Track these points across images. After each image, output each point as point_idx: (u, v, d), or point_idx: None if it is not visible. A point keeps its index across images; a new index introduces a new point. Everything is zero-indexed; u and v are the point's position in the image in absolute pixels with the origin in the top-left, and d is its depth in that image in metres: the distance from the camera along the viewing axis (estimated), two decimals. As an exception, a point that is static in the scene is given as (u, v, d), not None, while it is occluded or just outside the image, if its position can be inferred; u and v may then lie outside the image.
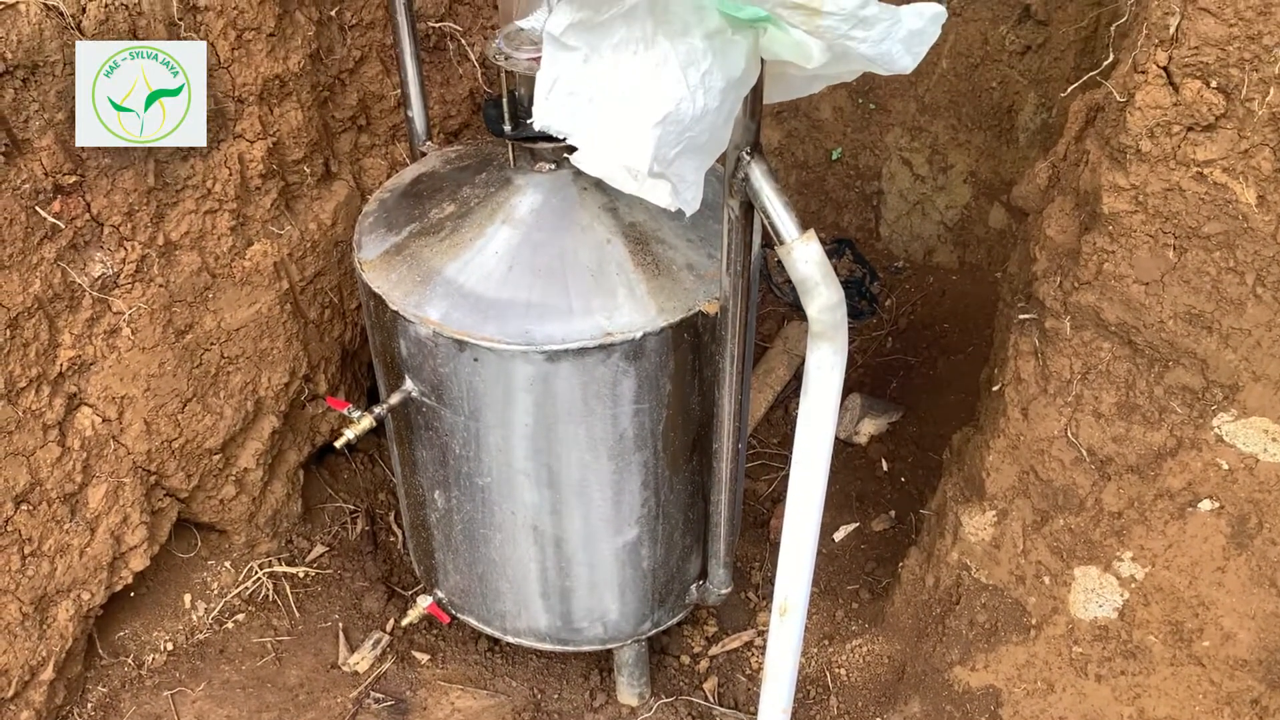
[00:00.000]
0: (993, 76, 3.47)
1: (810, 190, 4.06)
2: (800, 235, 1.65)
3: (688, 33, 1.40)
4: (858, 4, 1.21)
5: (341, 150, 2.63)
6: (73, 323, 2.10)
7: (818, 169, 4.01)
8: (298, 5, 2.34)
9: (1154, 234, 1.91)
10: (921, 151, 3.71)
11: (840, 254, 3.87)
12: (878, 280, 3.82)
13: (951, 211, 3.74)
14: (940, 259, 3.82)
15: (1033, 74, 3.37)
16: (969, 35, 3.45)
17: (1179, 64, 1.78)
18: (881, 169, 3.85)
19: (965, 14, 3.44)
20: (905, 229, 3.87)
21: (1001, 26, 3.37)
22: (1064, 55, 3.27)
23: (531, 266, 1.93)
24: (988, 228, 3.66)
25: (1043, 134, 3.38)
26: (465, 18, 2.80)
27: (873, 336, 3.64)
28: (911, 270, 3.84)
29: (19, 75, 1.86)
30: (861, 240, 3.95)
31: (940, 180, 3.71)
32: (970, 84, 3.52)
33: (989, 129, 3.54)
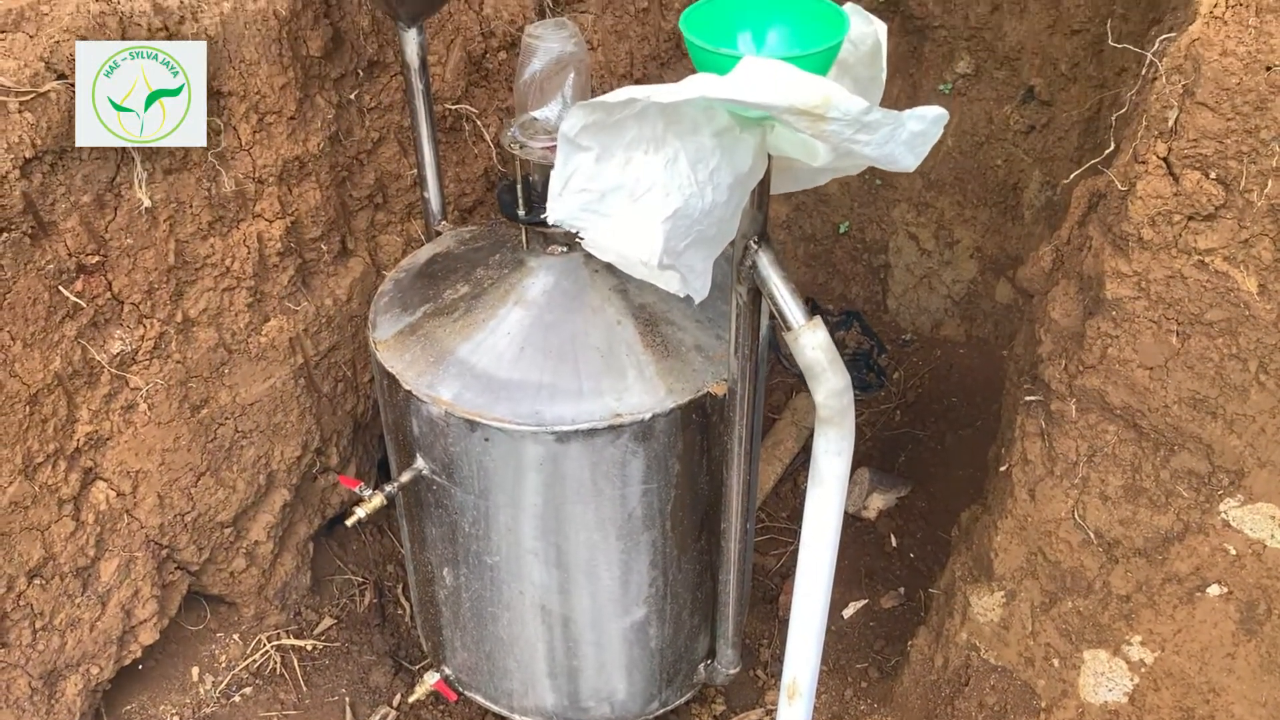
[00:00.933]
0: (998, 154, 3.52)
1: (818, 262, 4.11)
2: (807, 322, 1.68)
3: (697, 131, 1.44)
4: (861, 110, 1.25)
5: (358, 227, 2.68)
6: (90, 399, 2.13)
7: (825, 242, 4.07)
8: (318, 90, 2.40)
9: (1157, 320, 1.93)
10: (928, 226, 3.76)
11: (848, 326, 3.90)
12: (885, 353, 3.84)
13: (958, 286, 3.78)
14: (947, 332, 3.85)
15: (1037, 153, 3.43)
16: (974, 114, 3.52)
17: (1178, 155, 1.82)
18: (888, 243, 3.90)
19: (970, 94, 3.51)
20: (912, 302, 3.91)
21: (1006, 106, 3.44)
22: (1068, 135, 3.33)
23: (543, 347, 1.97)
24: (994, 302, 3.69)
25: (1047, 211, 3.43)
26: (481, 99, 2.87)
27: (881, 410, 3.65)
28: (919, 343, 3.86)
29: (47, 160, 1.91)
30: (869, 313, 3.99)
31: (946, 255, 3.76)
32: (975, 161, 3.58)
33: (994, 205, 3.59)
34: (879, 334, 3.90)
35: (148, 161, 2.07)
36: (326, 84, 2.44)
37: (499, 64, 2.86)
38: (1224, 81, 1.72)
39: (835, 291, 4.08)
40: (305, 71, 2.35)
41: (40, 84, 1.87)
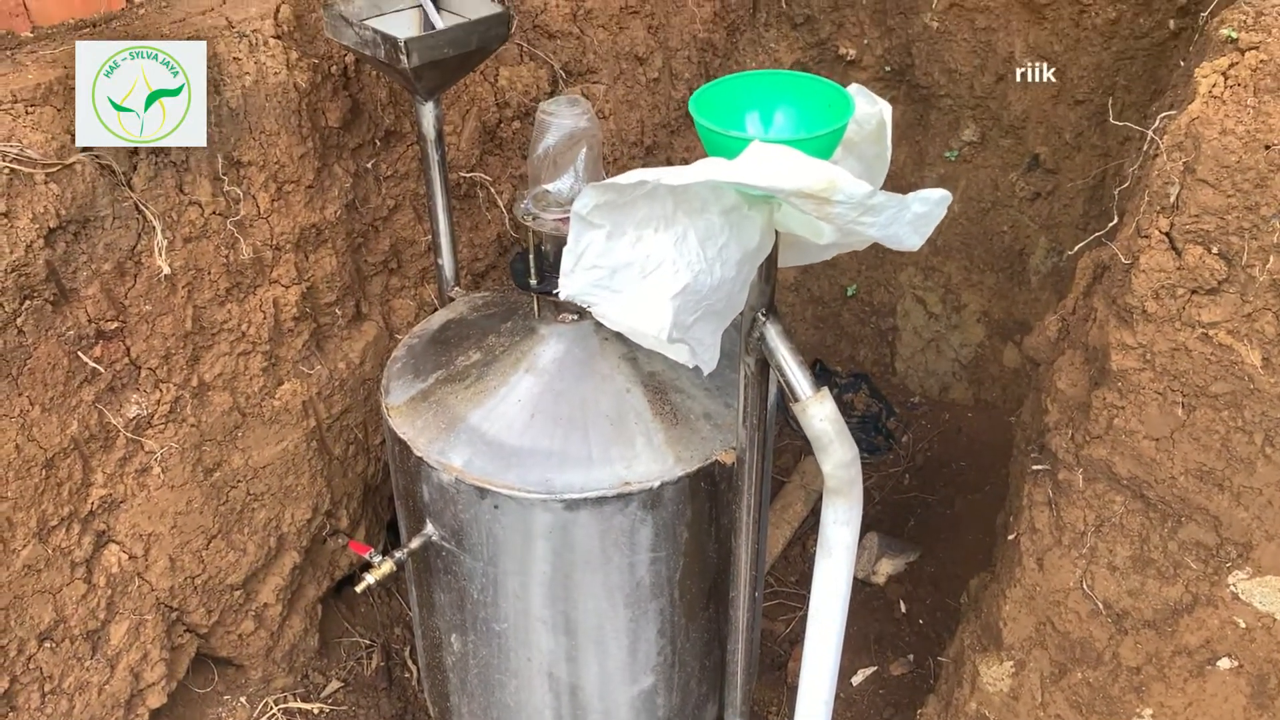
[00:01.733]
0: (1004, 220, 3.56)
1: (826, 325, 4.14)
2: (814, 393, 1.70)
3: (705, 209, 1.48)
4: (865, 194, 1.28)
5: (372, 292, 2.72)
6: (105, 462, 2.16)
7: (833, 304, 4.10)
8: (336, 159, 2.46)
9: (1162, 391, 1.94)
10: (935, 290, 3.79)
11: (856, 389, 3.92)
12: (894, 416, 3.85)
13: (966, 349, 3.80)
14: (956, 396, 3.86)
15: (1043, 219, 3.47)
16: (980, 181, 3.56)
17: (1180, 230, 1.85)
18: (896, 306, 3.93)
19: (976, 161, 3.56)
20: (921, 365, 3.93)
21: (1011, 174, 3.48)
22: (1073, 203, 3.37)
23: (553, 415, 1.99)
24: (1002, 366, 3.71)
25: (1054, 277, 3.46)
26: (495, 167, 2.93)
27: (890, 473, 3.66)
28: (927, 406, 3.88)
29: (71, 230, 1.96)
30: (878, 375, 4.00)
31: (954, 319, 3.78)
32: (982, 227, 3.62)
33: (1001, 271, 3.63)
34: (887, 397, 3.91)
35: (168, 230, 2.11)
36: (344, 153, 2.49)
37: (512, 133, 2.92)
38: (1224, 159, 1.75)
39: (843, 354, 4.10)
40: (324, 142, 2.41)
41: (66, 156, 1.92)
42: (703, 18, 3.37)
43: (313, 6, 2.36)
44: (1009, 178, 3.50)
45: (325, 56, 2.38)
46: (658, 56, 3.26)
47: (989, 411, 3.74)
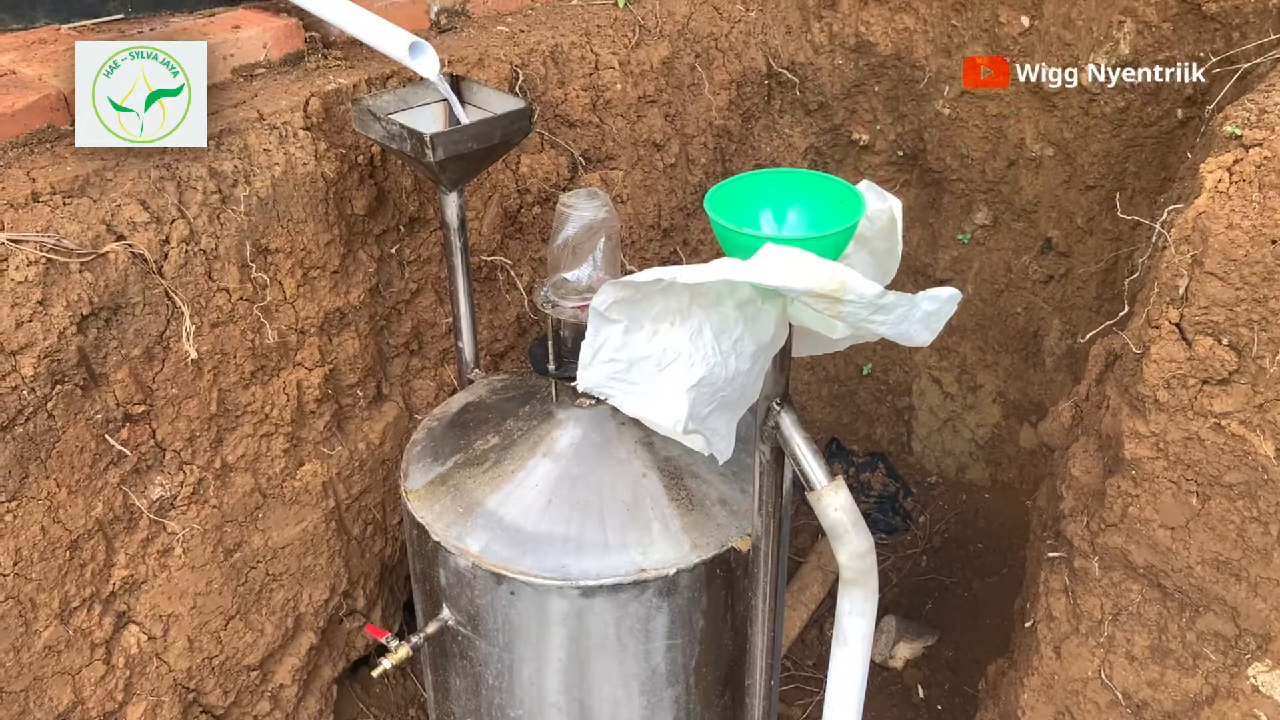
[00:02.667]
0: (1017, 302, 3.60)
1: (842, 403, 4.16)
2: (829, 483, 1.72)
3: (720, 303, 1.51)
4: (876, 294, 1.32)
5: (394, 373, 2.77)
6: (128, 543, 2.18)
7: (849, 383, 4.12)
8: (361, 245, 2.52)
9: (1176, 480, 1.95)
10: (950, 370, 3.81)
11: (873, 468, 3.92)
12: (911, 495, 3.85)
13: (982, 430, 3.81)
14: (973, 476, 3.86)
15: (1056, 301, 3.50)
16: (993, 263, 3.61)
17: (1190, 321, 1.87)
18: (912, 385, 3.95)
19: (988, 243, 3.61)
20: (937, 445, 3.93)
21: (1024, 256, 3.52)
22: (1086, 285, 3.40)
23: (570, 500, 2.01)
24: (1018, 447, 3.71)
25: (1068, 359, 3.48)
26: (515, 250, 2.99)
27: (907, 554, 3.64)
28: (944, 487, 3.87)
29: (102, 316, 2.01)
30: (894, 454, 4.01)
31: (970, 399, 3.80)
32: (996, 308, 3.65)
33: (1015, 352, 3.65)
34: (904, 476, 3.91)
35: (197, 316, 2.16)
36: (369, 239, 2.56)
37: (533, 218, 2.98)
38: (1231, 253, 1.78)
39: (860, 432, 4.11)
40: (350, 228, 2.47)
41: (100, 245, 1.98)
42: (718, 106, 3.46)
43: (341, 99, 2.44)
44: (1022, 260, 3.54)
45: (352, 146, 2.46)
46: (675, 143, 3.34)
47: (1006, 492, 3.73)
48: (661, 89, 3.24)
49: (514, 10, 3.12)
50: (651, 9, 3.22)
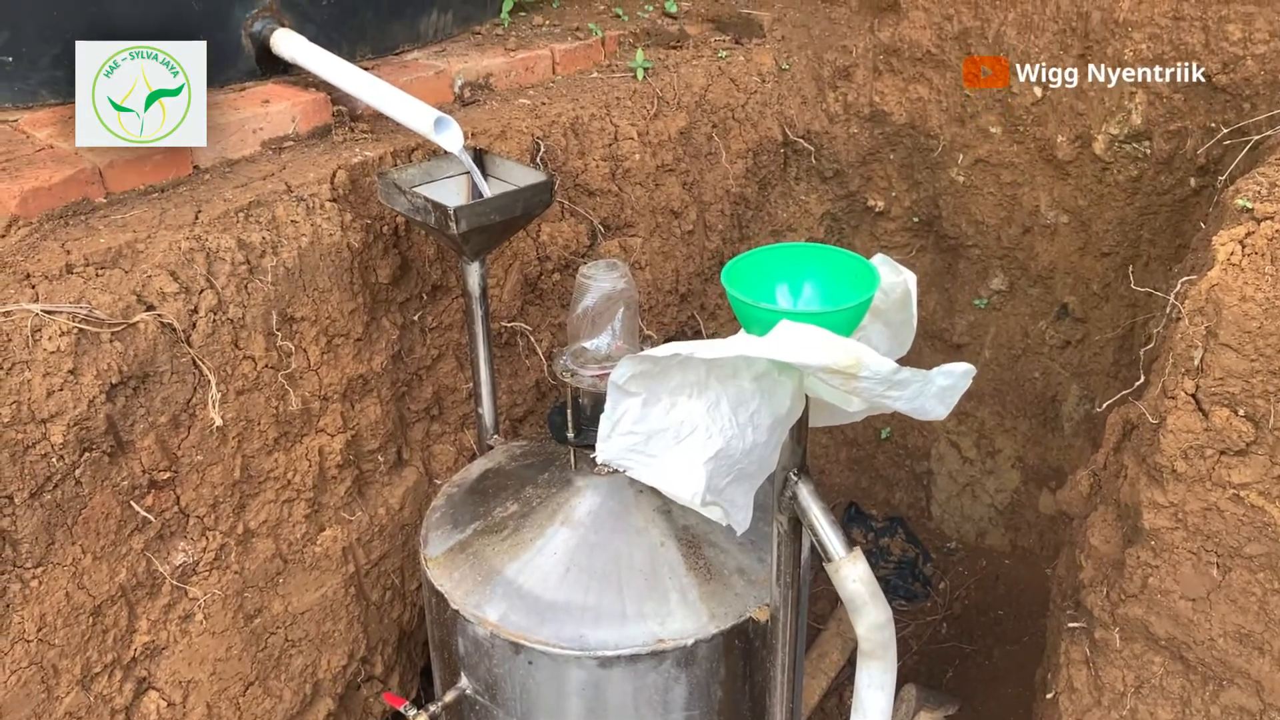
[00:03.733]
0: (1035, 367, 3.60)
1: (860, 467, 4.15)
2: (847, 554, 1.72)
3: (737, 376, 1.54)
4: (891, 370, 1.34)
5: (414, 438, 2.79)
6: (150, 609, 2.20)
7: (868, 446, 4.12)
8: (385, 313, 2.57)
9: (1196, 551, 1.95)
10: (969, 435, 3.81)
11: (892, 532, 3.90)
12: (930, 561, 3.83)
13: (1001, 495, 3.79)
14: (992, 541, 3.84)
15: (1074, 367, 3.51)
16: (1010, 329, 3.62)
17: (1206, 392, 1.88)
18: (930, 450, 3.95)
19: (1005, 309, 3.63)
20: (956, 510, 3.92)
21: (1041, 322, 3.54)
22: (1103, 351, 3.41)
23: (588, 569, 2.02)
24: (1038, 513, 3.69)
25: (1087, 424, 3.47)
26: (534, 316, 3.03)
27: (927, 621, 3.61)
28: (964, 552, 3.85)
29: (131, 385, 2.05)
30: (913, 519, 3.99)
31: (988, 464, 3.79)
32: (1014, 373, 3.66)
33: (1034, 416, 3.65)
34: (924, 541, 3.89)
35: (223, 383, 2.20)
36: (392, 307, 2.60)
37: (553, 284, 3.03)
38: (1245, 325, 1.80)
39: (878, 496, 4.10)
40: (373, 297, 2.52)
41: (131, 315, 2.03)
42: (735, 174, 3.51)
43: (366, 171, 2.50)
44: (1039, 325, 3.55)
45: (377, 217, 2.51)
46: (692, 210, 3.39)
47: (1026, 558, 3.71)
48: (679, 158, 3.30)
49: (536, 83, 3.20)
50: (670, 81, 3.29)
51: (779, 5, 3.82)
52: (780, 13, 3.74)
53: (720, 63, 3.45)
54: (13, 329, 1.87)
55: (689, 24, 3.70)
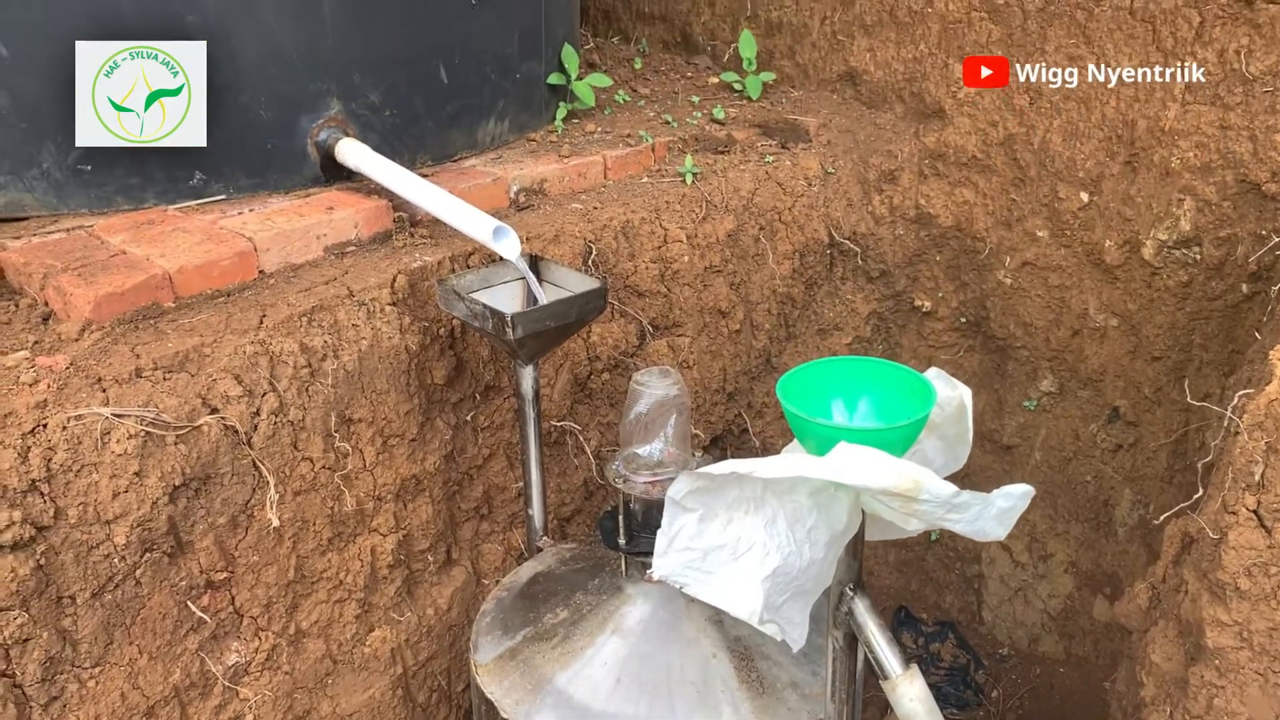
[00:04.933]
0: (1086, 470, 3.56)
1: (910, 569, 4.10)
2: (903, 672, 1.70)
3: (794, 491, 1.54)
4: (950, 494, 1.34)
5: (463, 537, 2.81)
6: (202, 710, 2.21)
7: (917, 548, 4.07)
8: (439, 413, 2.61)
9: (1263, 672, 1.90)
10: (1020, 538, 3.76)
11: (943, 638, 3.83)
12: (982, 668, 3.74)
13: (1054, 601, 3.72)
14: (1046, 649, 3.75)
15: (1126, 471, 3.46)
16: (1060, 431, 3.59)
17: (1268, 508, 1.86)
18: (981, 553, 3.89)
19: (1055, 410, 3.60)
20: (1008, 615, 3.84)
21: (1092, 425, 3.51)
22: (1156, 455, 3.36)
23: (638, 680, 2.00)
24: (1092, 620, 3.61)
25: (1141, 530, 3.41)
26: (584, 415, 3.06)
27: (980, 731, 3.52)
28: (1017, 659, 3.76)
29: (193, 486, 2.09)
30: (964, 624, 3.92)
31: (1040, 568, 3.72)
32: (1065, 476, 3.61)
33: (1086, 521, 3.59)
34: (975, 647, 3.81)
35: (280, 484, 2.24)
36: (446, 407, 2.64)
37: (602, 384, 3.06)
38: (1306, 442, 1.78)
39: (929, 600, 4.03)
40: (428, 397, 2.56)
41: (195, 418, 2.08)
42: (782, 274, 3.55)
43: (425, 275, 2.56)
44: (1090, 428, 3.52)
45: (434, 320, 2.57)
46: (739, 310, 3.42)
47: (1081, 667, 3.61)
48: (727, 259, 3.35)
49: (588, 188, 3.28)
50: (717, 186, 3.36)
51: (824, 111, 3.90)
52: (826, 119, 3.83)
53: (767, 167, 3.52)
54: (83, 432, 1.92)
55: (736, 130, 3.79)
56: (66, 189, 2.56)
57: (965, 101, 3.51)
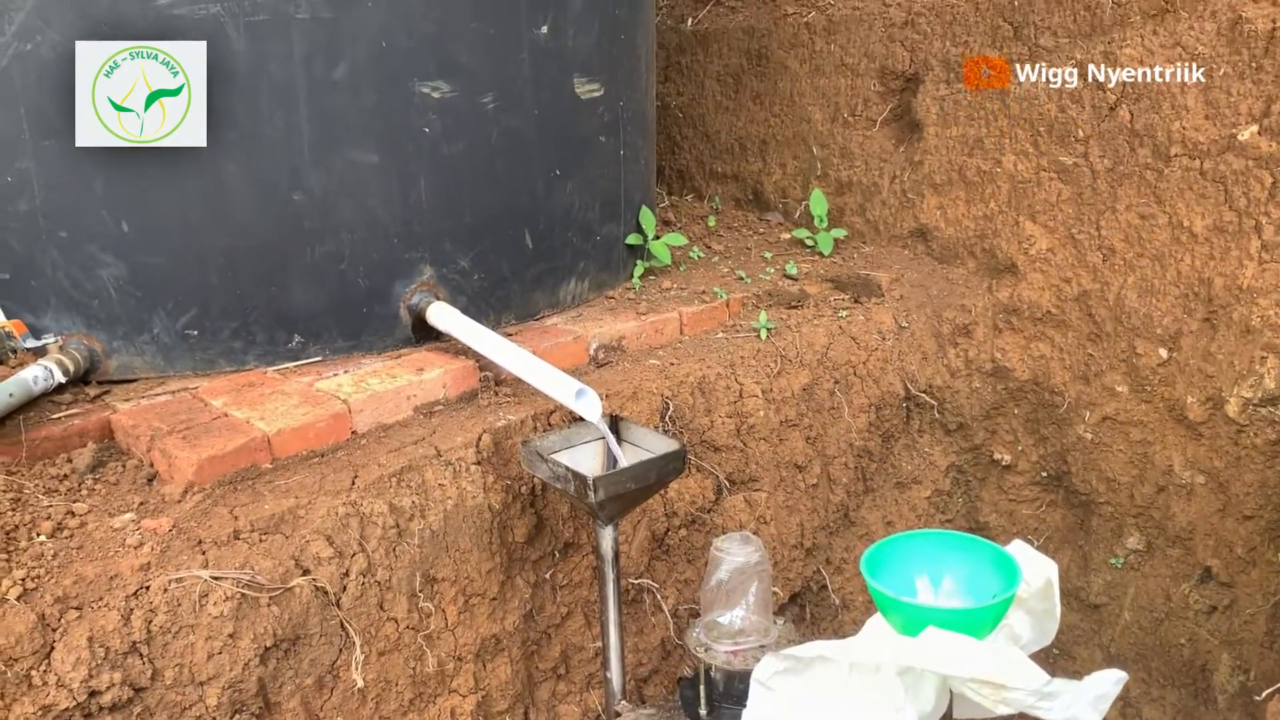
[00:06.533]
0: (1180, 633, 3.44)
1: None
2: None
3: (881, 670, 1.53)
4: (1042, 682, 1.33)
5: (540, 698, 2.80)
6: None
7: (1002, 709, 3.92)
8: (519, 571, 2.64)
9: None
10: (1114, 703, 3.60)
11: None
12: (1078, 842, 3.55)
13: (1153, 771, 3.54)
14: (1146, 823, 3.55)
15: (1223, 634, 3.33)
16: (1150, 590, 3.49)
17: (1377, 691, 1.78)
18: (1071, 716, 3.73)
19: (1144, 569, 3.51)
20: (1103, 784, 3.66)
21: (1184, 585, 3.40)
22: (1254, 619, 3.24)
23: None
24: (1196, 795, 3.43)
25: (1242, 698, 3.26)
26: (661, 573, 3.06)
27: None
28: (1115, 833, 3.57)
29: (283, 647, 2.14)
30: (1056, 792, 3.74)
31: (1137, 736, 3.56)
32: (1157, 638, 3.49)
33: (1182, 686, 3.45)
34: (1068, 819, 3.62)
35: (366, 645, 2.27)
36: (526, 566, 2.67)
37: (679, 540, 3.07)
38: None
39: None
40: (509, 556, 2.60)
41: (288, 580, 2.14)
42: (858, 427, 3.57)
43: (509, 434, 2.64)
44: (1181, 589, 3.41)
45: (516, 478, 2.63)
46: (816, 464, 3.43)
47: (1186, 846, 3.41)
48: (802, 413, 3.38)
49: (664, 344, 3.36)
50: (792, 340, 3.42)
51: (896, 266, 3.97)
52: (898, 273, 3.89)
53: (840, 321, 3.58)
54: (183, 594, 1.99)
55: (809, 284, 3.87)
56: (174, 352, 2.72)
57: (1037, 258, 3.55)
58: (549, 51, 3.07)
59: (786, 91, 4.44)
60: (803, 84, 4.36)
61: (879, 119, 4.11)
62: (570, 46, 3.14)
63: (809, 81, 4.33)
